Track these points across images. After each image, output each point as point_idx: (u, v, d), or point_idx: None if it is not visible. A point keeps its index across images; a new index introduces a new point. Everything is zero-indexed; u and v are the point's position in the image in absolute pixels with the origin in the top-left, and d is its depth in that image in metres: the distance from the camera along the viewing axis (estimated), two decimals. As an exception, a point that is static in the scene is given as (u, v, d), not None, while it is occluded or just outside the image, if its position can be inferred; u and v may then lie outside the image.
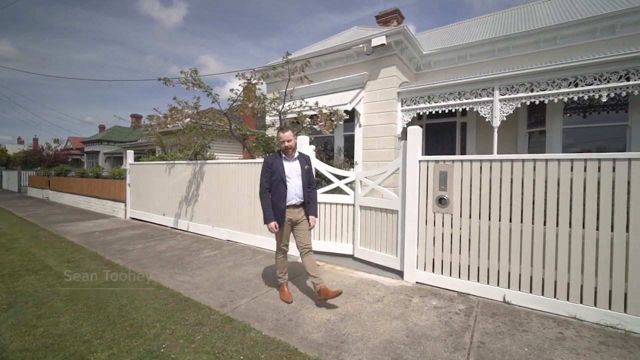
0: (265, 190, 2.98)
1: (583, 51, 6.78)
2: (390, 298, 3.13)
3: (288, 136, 2.94)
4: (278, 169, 2.94)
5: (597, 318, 2.57)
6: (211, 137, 7.42)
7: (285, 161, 2.98)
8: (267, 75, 5.28)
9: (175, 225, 6.71)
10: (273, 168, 2.97)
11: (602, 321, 2.55)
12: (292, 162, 2.99)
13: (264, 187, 2.99)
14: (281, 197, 2.91)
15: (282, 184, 2.91)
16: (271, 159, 3.03)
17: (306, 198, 3.01)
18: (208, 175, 6.00)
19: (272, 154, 3.13)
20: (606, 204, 2.54)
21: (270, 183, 2.97)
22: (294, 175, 2.95)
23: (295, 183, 2.95)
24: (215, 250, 5.01)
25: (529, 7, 9.31)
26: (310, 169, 3.08)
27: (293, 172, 2.96)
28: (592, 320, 2.59)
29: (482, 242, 3.09)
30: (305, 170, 3.00)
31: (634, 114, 6.11)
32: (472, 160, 3.14)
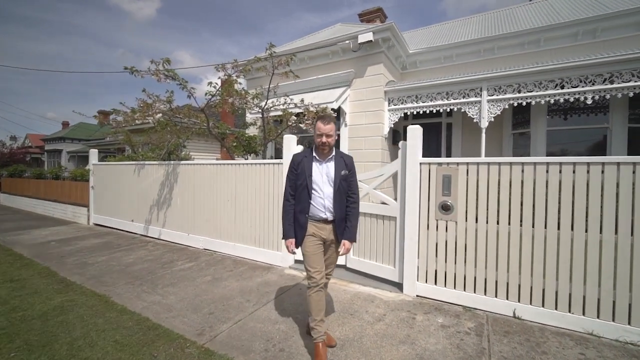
0: (288, 197, 2.32)
1: (565, 54, 6.85)
2: (392, 316, 2.81)
3: (329, 129, 2.20)
4: (304, 171, 2.26)
5: (616, 334, 2.38)
6: (186, 136, 6.84)
7: (315, 162, 2.29)
8: (249, 69, 4.83)
9: (146, 232, 6.07)
10: (299, 170, 2.29)
11: (622, 337, 2.36)
12: (325, 163, 2.28)
13: (287, 193, 2.33)
14: (304, 208, 2.25)
15: (305, 192, 2.25)
16: (299, 157, 2.34)
17: (340, 214, 2.26)
18: (183, 178, 5.44)
19: (302, 151, 2.46)
20: (626, 210, 2.36)
21: (295, 189, 2.30)
22: (323, 182, 2.25)
23: (325, 192, 2.24)
24: (191, 262, 4.49)
25: (510, 9, 9.42)
26: (350, 175, 2.31)
27: (324, 177, 2.26)
28: (610, 336, 2.40)
29: (490, 251, 2.84)
30: (341, 176, 2.25)
31: (614, 116, 6.22)
32: (478, 162, 2.89)
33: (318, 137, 2.23)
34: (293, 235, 2.28)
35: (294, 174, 2.32)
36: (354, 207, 2.33)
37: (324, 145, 2.22)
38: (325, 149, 2.25)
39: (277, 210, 4.26)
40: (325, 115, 2.25)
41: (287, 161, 4.11)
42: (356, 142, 7.70)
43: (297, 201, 2.29)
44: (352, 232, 2.29)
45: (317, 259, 2.26)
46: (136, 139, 8.87)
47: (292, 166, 2.34)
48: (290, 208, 2.31)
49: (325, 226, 2.28)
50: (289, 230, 2.29)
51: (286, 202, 2.34)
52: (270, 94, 5.52)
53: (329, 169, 2.27)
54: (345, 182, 2.28)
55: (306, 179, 2.24)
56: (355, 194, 2.34)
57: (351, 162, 2.37)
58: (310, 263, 2.26)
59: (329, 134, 2.21)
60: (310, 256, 2.26)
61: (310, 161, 2.29)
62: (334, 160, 2.29)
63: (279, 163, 4.24)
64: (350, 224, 2.30)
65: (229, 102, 5.43)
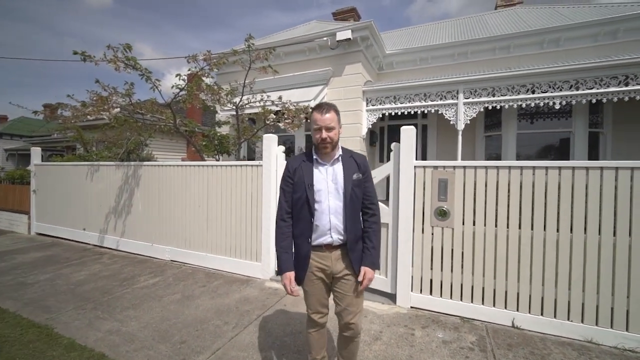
0: (283, 216, 1.73)
1: (533, 61, 7.16)
2: (389, 333, 2.58)
3: (328, 120, 1.63)
4: (302, 179, 1.69)
5: (614, 341, 2.35)
6: (149, 134, 6.15)
7: (317, 166, 1.72)
8: (225, 62, 4.38)
9: (101, 242, 5.34)
10: (296, 178, 1.72)
11: (620, 344, 2.33)
12: (331, 166, 1.71)
13: (282, 211, 1.74)
14: (304, 230, 1.69)
15: (305, 207, 1.67)
16: (295, 163, 1.76)
17: (354, 233, 1.69)
18: (146, 180, 4.83)
19: (298, 155, 1.84)
20: (624, 215, 2.33)
21: (293, 205, 1.73)
22: (329, 191, 1.68)
23: (332, 205, 1.67)
24: (156, 277, 3.95)
25: (480, 16, 9.77)
26: (364, 180, 1.74)
27: (330, 184, 1.69)
28: (609, 343, 2.36)
29: (488, 259, 2.72)
30: (353, 181, 1.69)
31: (576, 121, 6.59)
32: (476, 166, 2.76)
33: (316, 132, 1.66)
34: (292, 267, 1.70)
35: (290, 185, 1.73)
36: (374, 221, 1.73)
37: (324, 142, 1.64)
38: (327, 148, 1.66)
39: (255, 217, 3.88)
40: (322, 104, 1.70)
41: (269, 163, 3.75)
42: (334, 143, 7.47)
43: (295, 221, 1.72)
44: (374, 256, 1.69)
45: (318, 298, 1.74)
46: (89, 136, 7.91)
47: (287, 174, 1.75)
48: (287, 230, 1.72)
49: (330, 254, 1.70)
50: (287, 261, 1.70)
51: (281, 222, 1.73)
52: (245, 90, 5.09)
53: (335, 173, 1.69)
54: (358, 189, 1.69)
55: (306, 190, 1.66)
56: (374, 205, 1.76)
57: (365, 163, 1.77)
58: (309, 304, 1.77)
59: (330, 125, 1.63)
60: (308, 296, 1.76)
61: (310, 166, 1.71)
62: (341, 162, 1.72)
63: (258, 165, 3.86)
64: (370, 244, 1.70)
65: (199, 97, 4.92)
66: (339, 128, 1.71)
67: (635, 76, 5.31)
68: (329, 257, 1.69)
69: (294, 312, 2.96)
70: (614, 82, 5.42)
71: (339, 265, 1.70)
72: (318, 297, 1.74)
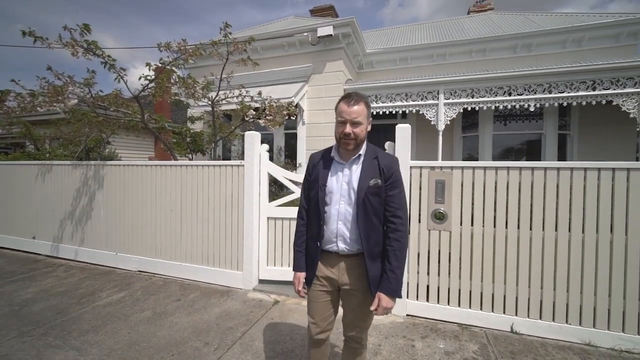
0: (300, 213, 1.66)
1: (507, 64, 7.40)
2: (389, 346, 2.40)
3: (356, 112, 1.42)
4: (318, 177, 1.54)
5: (611, 343, 2.34)
6: (112, 130, 5.56)
7: (335, 165, 1.55)
8: (201, 53, 3.99)
9: (55, 252, 4.71)
10: (313, 175, 1.59)
11: (617, 346, 2.32)
12: (349, 166, 1.52)
13: (300, 207, 1.67)
14: (314, 232, 1.56)
15: (317, 209, 1.53)
16: (316, 158, 1.62)
17: (371, 246, 1.47)
18: (110, 182, 4.31)
19: (323, 150, 1.64)
20: (620, 217, 2.33)
21: (309, 203, 1.62)
22: (341, 194, 1.50)
23: (341, 211, 1.49)
24: (122, 291, 3.50)
25: (456, 20, 10.01)
26: (390, 187, 1.48)
27: (343, 186, 1.50)
28: (606, 345, 2.35)
29: (487, 262, 2.63)
30: (368, 187, 1.45)
31: (547, 124, 6.89)
32: (474, 167, 2.66)
33: (340, 125, 1.46)
34: (303, 267, 1.60)
35: (308, 182, 1.63)
36: (396, 238, 1.44)
37: (347, 138, 1.43)
38: (349, 145, 1.45)
39: (236, 222, 3.55)
40: (351, 93, 1.47)
41: (251, 162, 3.45)
42: (315, 142, 7.26)
43: (308, 221, 1.60)
44: (392, 281, 1.42)
45: (318, 308, 1.59)
46: (39, 132, 7.06)
47: (308, 170, 1.64)
48: (302, 228, 1.63)
49: (336, 264, 1.53)
50: (299, 260, 1.61)
51: (299, 220, 1.66)
52: (222, 85, 4.71)
53: (352, 175, 1.49)
54: (376, 197, 1.45)
55: (318, 190, 1.52)
56: (398, 218, 1.45)
57: (392, 167, 1.50)
58: (310, 312, 1.63)
59: (357, 120, 1.41)
60: (310, 303, 1.63)
61: (327, 164, 1.55)
62: (361, 163, 1.50)
63: (239, 165, 3.54)
64: (389, 266, 1.43)
65: (171, 90, 4.48)
66: (368, 124, 1.49)
67: (601, 81, 5.59)
68: (337, 266, 1.54)
69: (283, 326, 2.69)
70: (583, 86, 5.69)
71: (346, 278, 1.52)
72: (319, 307, 1.59)
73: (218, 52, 4.18)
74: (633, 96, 5.42)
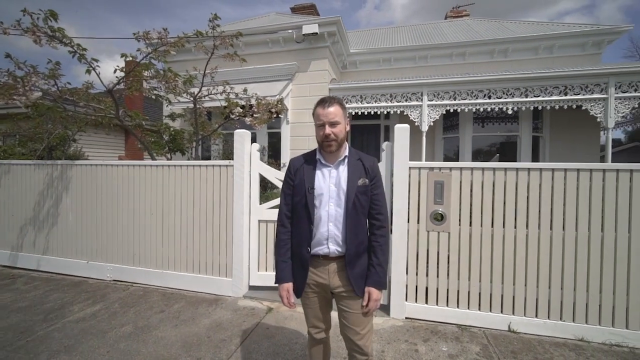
0: (283, 221, 1.60)
1: (484, 69, 7.68)
2: (392, 352, 2.34)
3: (332, 114, 1.46)
4: (303, 182, 1.53)
5: (602, 338, 2.42)
6: (78, 126, 5.10)
7: (320, 167, 1.56)
8: (183, 45, 3.72)
9: (13, 262, 4.22)
10: (297, 180, 1.56)
11: (607, 340, 2.41)
12: (335, 168, 1.54)
13: (282, 215, 1.61)
14: (303, 237, 1.53)
15: (305, 213, 1.51)
16: (297, 162, 1.61)
17: (355, 246, 1.50)
18: (80, 184, 3.92)
19: (302, 154, 1.65)
20: (610, 216, 2.42)
21: (292, 209, 1.59)
22: (330, 196, 1.51)
23: (332, 212, 1.50)
24: (97, 303, 3.18)
25: (435, 25, 10.27)
26: (373, 187, 1.54)
27: (332, 188, 1.51)
28: (598, 340, 2.43)
29: (485, 262, 2.65)
30: (357, 186, 1.50)
31: (522, 126, 7.22)
32: (472, 168, 2.66)
33: (319, 128, 1.49)
34: (290, 277, 1.56)
35: (290, 187, 1.59)
36: (382, 234, 1.52)
37: (328, 140, 1.46)
38: (331, 146, 1.48)
39: (224, 226, 3.35)
40: (324, 97, 1.52)
41: (241, 163, 3.27)
42: (299, 142, 7.13)
43: (295, 228, 1.57)
44: (380, 274, 1.48)
45: (315, 312, 1.61)
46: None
47: (288, 176, 1.61)
48: (285, 237, 1.59)
49: (326, 266, 1.53)
50: (284, 270, 1.56)
51: (280, 227, 1.61)
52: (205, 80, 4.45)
53: (340, 176, 1.51)
54: (364, 196, 1.50)
55: (306, 194, 1.50)
56: (382, 215, 1.54)
57: (375, 167, 1.57)
58: (306, 318, 1.66)
59: (334, 120, 1.45)
60: (305, 309, 1.64)
61: (312, 167, 1.55)
62: (347, 164, 1.53)
63: (228, 165, 3.34)
64: (376, 260, 1.49)
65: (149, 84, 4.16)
66: (346, 124, 1.52)
67: (572, 87, 5.93)
68: (326, 270, 1.54)
69: (280, 336, 2.55)
70: (556, 91, 6.00)
71: (337, 280, 1.53)
72: (314, 311, 1.62)
73: (203, 45, 3.93)
74: (600, 102, 5.80)
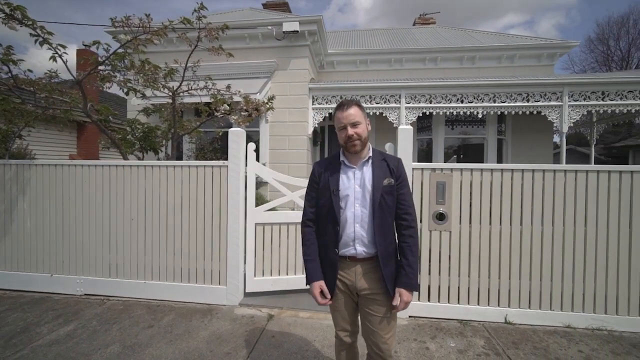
0: (305, 222, 1.62)
1: (454, 74, 8.13)
2: (404, 351, 2.36)
3: (352, 115, 1.47)
4: (328, 184, 1.54)
5: (586, 323, 2.66)
6: (26, 121, 4.48)
7: (344, 170, 1.56)
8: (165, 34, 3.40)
9: (-48, 279, 3.58)
10: (321, 183, 1.57)
11: (590, 325, 2.66)
12: (359, 169, 1.54)
13: (306, 215, 1.62)
14: (330, 239, 1.52)
15: (331, 214, 1.51)
16: (321, 166, 1.62)
17: (385, 246, 1.49)
18: (40, 187, 3.44)
19: (326, 157, 1.69)
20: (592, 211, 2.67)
21: (317, 212, 1.59)
22: (356, 197, 1.51)
23: (357, 213, 1.49)
24: (70, 322, 2.80)
25: (408, 30, 10.66)
26: (399, 186, 1.53)
27: (356, 188, 1.51)
28: (582, 326, 2.67)
29: (483, 259, 2.78)
30: (383, 186, 1.49)
31: (489, 130, 7.77)
32: (472, 169, 2.78)
33: (341, 131, 1.51)
34: (321, 275, 1.55)
35: (315, 190, 1.61)
36: (410, 234, 1.51)
37: (351, 140, 1.48)
38: (356, 146, 1.49)
39: (217, 230, 3.15)
40: (342, 101, 1.54)
41: (237, 163, 3.09)
42: (279, 141, 6.98)
43: (321, 230, 1.58)
44: (410, 275, 1.46)
45: (341, 316, 1.59)
46: None
47: (312, 179, 1.63)
48: (311, 236, 1.60)
49: (353, 268, 1.52)
50: (313, 269, 1.55)
51: (305, 228, 1.62)
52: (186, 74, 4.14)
53: (364, 177, 1.51)
54: (390, 196, 1.49)
55: (330, 196, 1.51)
56: (409, 215, 1.53)
57: (400, 167, 1.57)
58: (334, 320, 1.65)
59: (355, 121, 1.47)
60: (332, 311, 1.64)
61: (336, 169, 1.56)
62: (371, 165, 1.53)
63: (222, 165, 3.13)
64: (405, 261, 1.47)
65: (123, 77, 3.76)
66: (366, 123, 1.54)
67: (533, 94, 6.50)
68: (353, 272, 1.53)
69: (289, 344, 2.45)
70: (520, 97, 6.53)
71: (363, 282, 1.51)
72: (342, 313, 1.59)
73: (187, 36, 3.65)
74: (556, 108, 6.42)
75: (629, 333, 2.60)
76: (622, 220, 2.64)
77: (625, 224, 2.64)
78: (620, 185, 2.64)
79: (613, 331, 2.63)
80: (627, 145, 15.42)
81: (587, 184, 2.68)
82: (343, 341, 1.62)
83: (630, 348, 2.40)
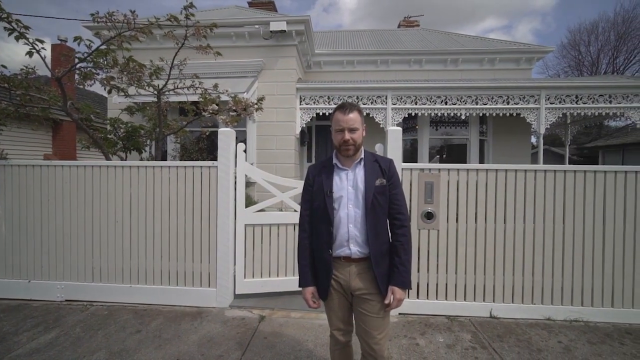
0: (302, 226, 1.66)
1: (438, 76, 8.32)
2: (395, 348, 2.41)
3: (352, 120, 1.50)
4: (322, 186, 1.58)
5: (563, 316, 2.81)
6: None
7: (337, 172, 1.60)
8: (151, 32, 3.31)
9: None
10: (315, 186, 1.61)
11: (568, 317, 2.81)
12: (352, 171, 1.58)
13: (303, 219, 1.66)
14: (325, 240, 1.55)
15: (325, 215, 1.55)
16: (315, 169, 1.67)
17: (377, 246, 1.52)
18: (16, 188, 3.27)
19: (320, 161, 1.72)
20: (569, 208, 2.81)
21: (312, 214, 1.62)
22: (349, 198, 1.55)
23: (351, 214, 1.53)
24: (51, 330, 2.68)
25: (393, 32, 10.82)
26: (392, 186, 1.58)
27: (349, 189, 1.55)
28: (560, 318, 2.81)
29: (469, 257, 2.88)
30: (375, 187, 1.53)
31: (472, 131, 8.01)
32: (459, 169, 2.88)
33: (338, 133, 1.53)
34: (312, 281, 1.60)
35: (309, 193, 1.65)
36: (403, 233, 1.54)
37: (347, 144, 1.51)
38: (349, 150, 1.53)
39: (207, 232, 3.10)
40: (344, 103, 1.57)
41: (226, 164, 3.06)
42: (267, 141, 6.93)
43: (315, 231, 1.60)
44: (404, 274, 1.50)
45: (336, 315, 1.62)
46: None
47: (307, 183, 1.67)
48: (305, 241, 1.63)
49: (347, 268, 1.54)
50: (305, 274, 1.61)
51: (301, 233, 1.66)
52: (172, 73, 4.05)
53: (357, 178, 1.56)
54: (382, 196, 1.53)
55: (324, 198, 1.55)
56: (402, 215, 1.56)
57: (391, 168, 1.62)
58: (329, 320, 1.68)
59: (353, 127, 1.50)
60: (327, 311, 1.67)
61: (329, 171, 1.60)
62: (363, 166, 1.58)
63: (211, 166, 3.09)
64: (398, 260, 1.51)
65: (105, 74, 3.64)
66: (363, 129, 1.58)
67: (513, 97, 6.75)
68: (347, 272, 1.55)
69: (282, 345, 2.45)
70: (500, 100, 6.78)
71: (357, 282, 1.53)
72: (337, 312, 1.61)
73: (173, 34, 3.57)
74: (534, 111, 6.70)
75: (603, 323, 2.76)
76: (596, 217, 2.80)
77: (599, 221, 2.80)
78: (595, 184, 2.80)
79: (589, 322, 2.78)
80: (598, 146, 16.28)
81: (565, 183, 2.82)
82: (338, 340, 1.65)
83: (604, 337, 2.55)
